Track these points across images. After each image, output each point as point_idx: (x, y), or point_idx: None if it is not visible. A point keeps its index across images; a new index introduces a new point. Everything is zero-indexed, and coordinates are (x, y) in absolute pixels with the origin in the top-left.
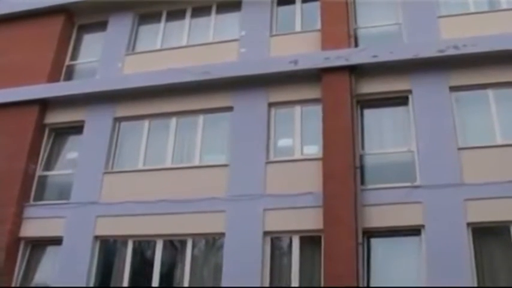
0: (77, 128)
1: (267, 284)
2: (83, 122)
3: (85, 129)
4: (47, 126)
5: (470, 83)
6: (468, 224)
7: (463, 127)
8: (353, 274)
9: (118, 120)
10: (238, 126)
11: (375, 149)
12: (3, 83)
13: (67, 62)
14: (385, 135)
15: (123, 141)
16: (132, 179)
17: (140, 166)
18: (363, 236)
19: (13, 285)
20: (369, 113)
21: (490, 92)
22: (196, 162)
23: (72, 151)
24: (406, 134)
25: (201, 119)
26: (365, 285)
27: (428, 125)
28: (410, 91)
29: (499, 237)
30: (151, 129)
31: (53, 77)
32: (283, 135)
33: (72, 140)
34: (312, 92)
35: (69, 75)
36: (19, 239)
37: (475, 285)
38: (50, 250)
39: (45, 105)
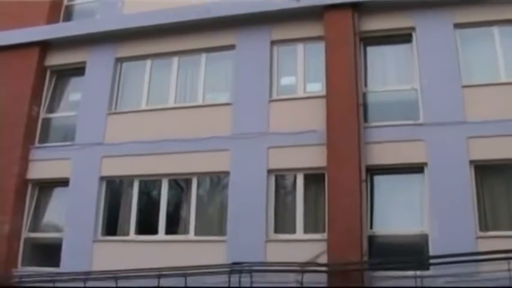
0: (78, 70)
1: (271, 221)
2: (84, 63)
3: (87, 71)
4: (48, 68)
5: (475, 20)
6: (471, 162)
7: (467, 65)
8: (357, 211)
9: (120, 60)
10: (241, 64)
11: (378, 87)
12: (1, 26)
13: (66, 2)
14: (389, 73)
15: (126, 81)
16: (135, 120)
17: (143, 106)
18: (366, 173)
19: (24, 225)
20: (372, 50)
21: (495, 29)
22: (200, 101)
23: (74, 93)
24: (409, 71)
25: (203, 57)
26: (368, 222)
27: (432, 63)
28: (413, 28)
29: (502, 174)
30: (153, 69)
31: (52, 18)
32: (286, 73)
33: (75, 81)
34: (314, 29)
35: (68, 16)
36: (27, 181)
37: (476, 221)
38: (58, 191)
39: (45, 47)
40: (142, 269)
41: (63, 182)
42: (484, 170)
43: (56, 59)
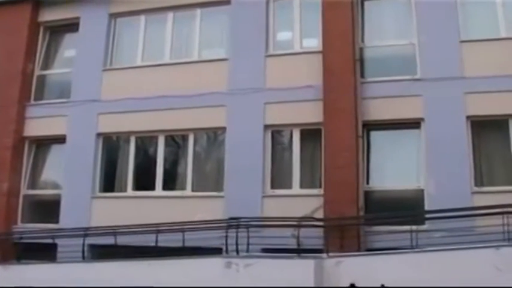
0: (72, 26)
1: (268, 177)
2: (78, 19)
3: (81, 27)
4: (42, 25)
5: None
6: (467, 117)
7: (465, 20)
8: (353, 166)
9: (114, 16)
10: (237, 19)
11: (376, 42)
12: None
13: None
14: (386, 28)
15: (120, 37)
16: (131, 76)
17: (139, 62)
18: (363, 129)
19: (22, 182)
20: (369, 5)
21: None
22: (195, 57)
23: (69, 49)
24: (407, 26)
25: (198, 12)
26: (364, 177)
27: (430, 18)
28: None
29: (498, 130)
30: (147, 24)
31: None
32: (282, 28)
33: (69, 37)
34: None
35: None
36: (23, 139)
37: (472, 176)
38: (55, 148)
39: (38, 2)
40: (141, 225)
41: (60, 139)
42: (481, 126)
43: (49, 15)
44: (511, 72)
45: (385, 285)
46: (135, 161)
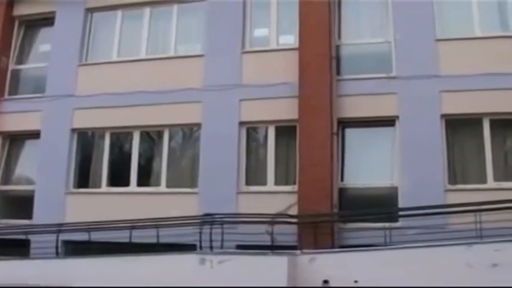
0: (48, 20)
1: (243, 173)
2: (53, 13)
3: (56, 21)
4: (17, 19)
5: None
6: (442, 116)
7: (441, 19)
8: (327, 163)
9: (90, 10)
10: (213, 15)
11: (352, 39)
12: None
13: None
14: (363, 26)
15: (97, 32)
16: (107, 71)
17: (115, 58)
18: (338, 126)
19: None
20: (346, 2)
21: None
22: (172, 53)
23: (44, 44)
24: (383, 24)
25: (175, 8)
26: (339, 174)
27: (406, 16)
28: None
29: (472, 129)
30: (124, 19)
31: None
32: (259, 24)
33: (44, 32)
34: None
35: None
36: None
37: (445, 174)
38: (29, 144)
39: None
40: (115, 221)
41: (34, 135)
42: (455, 124)
43: (24, 9)
44: (486, 71)
45: (359, 281)
46: (109, 156)
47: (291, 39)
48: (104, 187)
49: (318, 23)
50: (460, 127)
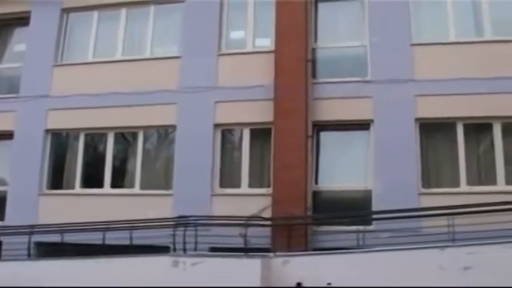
0: (23, 20)
1: (217, 175)
2: (29, 12)
3: (32, 21)
4: None
5: None
6: (416, 119)
7: (417, 23)
8: (302, 166)
9: (66, 11)
10: (190, 17)
11: (328, 43)
12: None
13: None
14: (339, 29)
15: (72, 33)
16: (82, 72)
17: (90, 58)
18: (313, 129)
19: None
20: (323, 6)
21: None
22: (148, 54)
23: (19, 43)
24: (360, 28)
25: (152, 9)
26: (313, 177)
27: (382, 21)
28: None
29: (446, 133)
30: (100, 20)
31: None
32: (235, 27)
33: (19, 32)
34: None
35: None
36: None
37: (419, 177)
38: (2, 144)
39: None
40: (88, 223)
41: (8, 135)
42: (429, 128)
43: None
44: (460, 75)
45: (332, 284)
46: (84, 158)
47: (267, 42)
48: (78, 188)
49: (294, 26)
50: (434, 131)
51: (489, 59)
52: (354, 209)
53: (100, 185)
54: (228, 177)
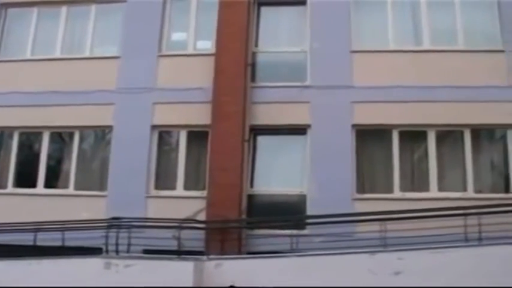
0: None
1: (152, 177)
2: None
3: None
4: None
5: None
6: (353, 126)
7: (357, 31)
8: (237, 170)
9: (4, 6)
10: (131, 17)
11: (269, 47)
12: None
13: None
14: (281, 34)
15: (10, 29)
16: (19, 69)
17: (28, 56)
18: (250, 133)
19: None
20: (266, 11)
21: None
22: (87, 54)
23: None
24: (301, 33)
25: (93, 8)
26: (249, 181)
27: (323, 26)
28: None
29: (381, 139)
30: (40, 17)
31: None
32: (177, 28)
33: None
34: None
35: None
36: None
37: (351, 183)
38: None
39: None
40: (19, 223)
41: None
42: (365, 134)
43: None
44: (397, 83)
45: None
46: (17, 157)
47: (208, 44)
48: (10, 188)
49: (235, 30)
50: (370, 137)
51: (426, 68)
52: (288, 213)
53: (33, 184)
54: (164, 179)
